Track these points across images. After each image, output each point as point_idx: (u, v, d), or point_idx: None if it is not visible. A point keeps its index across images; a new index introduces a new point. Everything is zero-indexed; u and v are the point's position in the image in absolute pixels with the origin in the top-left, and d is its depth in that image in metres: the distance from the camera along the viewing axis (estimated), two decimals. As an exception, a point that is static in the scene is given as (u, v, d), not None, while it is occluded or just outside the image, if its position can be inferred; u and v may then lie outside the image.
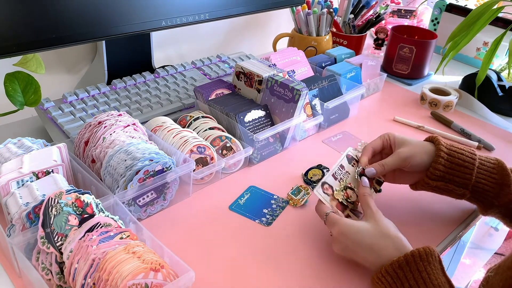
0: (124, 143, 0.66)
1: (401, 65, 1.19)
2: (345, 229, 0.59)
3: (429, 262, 0.54)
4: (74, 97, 0.86)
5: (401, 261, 0.54)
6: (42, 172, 0.61)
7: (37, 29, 0.69)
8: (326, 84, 0.94)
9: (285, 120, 0.82)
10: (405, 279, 0.53)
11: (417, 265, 0.53)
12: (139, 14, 0.80)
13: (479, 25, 0.98)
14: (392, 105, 1.07)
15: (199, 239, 0.65)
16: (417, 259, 0.54)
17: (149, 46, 0.98)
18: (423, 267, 0.53)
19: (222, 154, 0.77)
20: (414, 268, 0.53)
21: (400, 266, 0.54)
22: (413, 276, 0.53)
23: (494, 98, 1.07)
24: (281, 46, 1.20)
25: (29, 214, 0.55)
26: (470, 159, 0.68)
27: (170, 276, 0.50)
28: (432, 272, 0.53)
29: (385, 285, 0.55)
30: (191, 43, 1.19)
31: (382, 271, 0.55)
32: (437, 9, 1.38)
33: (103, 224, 0.54)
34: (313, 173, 0.78)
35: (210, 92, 0.86)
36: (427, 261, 0.54)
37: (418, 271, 0.53)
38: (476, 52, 1.32)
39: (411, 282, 0.53)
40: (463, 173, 0.67)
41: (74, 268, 0.51)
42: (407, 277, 0.53)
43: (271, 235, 0.67)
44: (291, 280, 0.60)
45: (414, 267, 0.53)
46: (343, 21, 1.22)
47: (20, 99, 0.74)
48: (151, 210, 0.68)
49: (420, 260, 0.54)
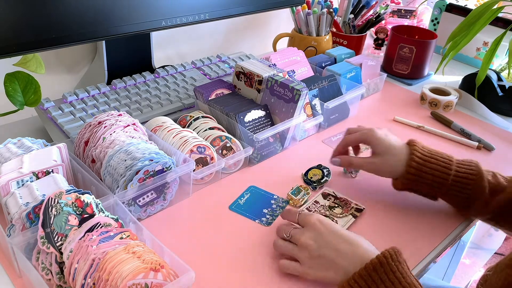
0: (124, 143, 0.66)
1: (401, 65, 1.19)
2: (323, 218, 0.60)
3: (399, 262, 0.53)
4: (74, 97, 0.86)
5: (375, 263, 0.53)
6: (42, 172, 0.61)
7: (37, 29, 0.69)
8: (326, 84, 0.94)
9: (285, 120, 0.82)
10: (380, 281, 0.52)
11: (390, 266, 0.52)
12: (139, 14, 0.80)
13: (479, 25, 0.98)
14: (392, 105, 1.07)
15: (199, 239, 0.65)
16: (389, 260, 0.53)
17: (149, 46, 0.98)
18: (396, 268, 0.52)
19: (222, 154, 0.77)
20: (388, 270, 0.52)
21: (375, 268, 0.52)
22: (388, 278, 0.52)
23: (494, 98, 1.07)
24: (281, 46, 1.20)
25: (29, 214, 0.55)
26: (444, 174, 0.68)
27: (170, 276, 0.50)
28: (404, 271, 0.53)
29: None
30: (191, 43, 1.19)
31: (355, 276, 0.53)
32: (437, 9, 1.38)
33: (103, 224, 0.54)
34: (313, 173, 0.78)
35: (210, 92, 0.86)
36: (398, 261, 0.53)
37: (392, 272, 0.52)
38: (476, 52, 1.32)
39: (387, 284, 0.51)
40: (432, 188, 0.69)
41: (74, 268, 0.51)
42: (381, 279, 0.52)
43: (271, 235, 0.67)
44: (291, 280, 0.60)
45: (388, 268, 0.52)
46: (343, 21, 1.22)
47: (20, 99, 0.74)
48: (151, 210, 0.68)
49: (392, 260, 0.53)
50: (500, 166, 0.87)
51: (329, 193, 0.75)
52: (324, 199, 0.73)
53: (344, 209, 0.71)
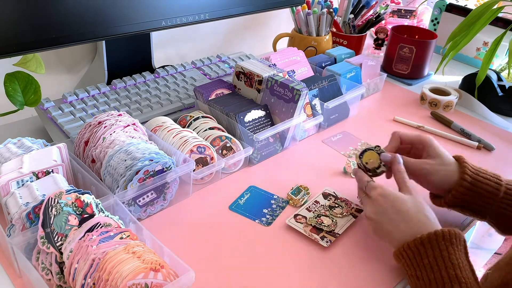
0: (124, 143, 0.66)
1: (401, 65, 1.19)
2: (387, 192, 0.62)
3: (451, 243, 0.55)
4: (74, 97, 0.86)
5: (423, 238, 0.56)
6: (42, 172, 0.61)
7: (37, 29, 0.69)
8: (326, 84, 0.94)
9: (285, 120, 0.82)
10: (425, 255, 0.55)
11: (438, 244, 0.55)
12: (139, 14, 0.80)
13: (479, 25, 0.98)
14: (392, 105, 1.07)
15: (199, 239, 0.65)
16: (439, 239, 0.55)
17: (149, 46, 0.98)
18: (445, 247, 0.54)
19: (222, 154, 0.77)
20: (435, 246, 0.55)
21: (423, 242, 0.55)
22: (433, 253, 0.54)
23: (494, 98, 1.07)
24: (281, 46, 1.20)
25: (29, 214, 0.55)
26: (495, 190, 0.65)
27: (170, 276, 0.50)
28: (454, 252, 0.54)
29: (405, 259, 0.57)
30: (191, 43, 1.19)
31: (405, 246, 0.57)
32: (437, 9, 1.38)
33: (103, 224, 0.54)
34: (369, 158, 0.69)
35: (210, 92, 0.86)
36: (449, 242, 0.55)
37: (439, 249, 0.54)
38: (476, 52, 1.32)
39: (430, 259, 0.54)
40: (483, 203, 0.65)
41: (74, 268, 0.51)
42: (427, 253, 0.55)
43: (271, 235, 0.67)
44: (291, 280, 0.60)
45: (435, 245, 0.55)
46: (343, 21, 1.22)
47: (20, 99, 0.74)
48: (151, 210, 0.68)
49: (443, 239, 0.55)
50: (500, 166, 0.87)
51: (329, 193, 0.75)
52: (324, 199, 0.73)
53: (344, 209, 0.71)
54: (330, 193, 0.75)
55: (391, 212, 0.60)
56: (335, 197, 0.74)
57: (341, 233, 0.67)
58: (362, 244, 0.66)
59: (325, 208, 0.71)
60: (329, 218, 0.69)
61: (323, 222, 0.68)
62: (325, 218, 0.69)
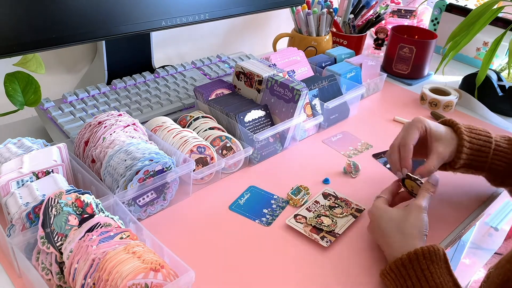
0: (124, 143, 0.66)
1: (401, 65, 1.19)
2: (373, 210, 0.64)
3: (432, 261, 0.54)
4: (74, 97, 0.86)
5: (404, 259, 0.55)
6: (42, 172, 0.61)
7: (37, 29, 0.69)
8: (326, 84, 0.94)
9: (285, 120, 0.82)
10: (407, 276, 0.54)
11: (419, 264, 0.54)
12: (139, 14, 0.80)
13: (479, 25, 0.98)
14: (392, 105, 1.07)
15: (199, 239, 0.65)
16: (420, 258, 0.55)
17: (149, 46, 0.98)
18: (426, 266, 0.54)
19: (222, 154, 0.77)
20: (416, 267, 0.54)
21: (403, 264, 0.55)
22: (416, 274, 0.54)
23: (494, 98, 1.07)
24: (281, 46, 1.20)
25: (29, 214, 0.55)
26: (487, 143, 0.70)
27: (170, 276, 0.50)
28: (435, 270, 0.54)
29: (389, 281, 0.57)
30: (191, 43, 1.19)
31: (387, 268, 0.57)
32: (437, 9, 1.38)
33: (103, 224, 0.54)
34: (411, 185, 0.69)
35: (210, 92, 0.86)
36: (430, 260, 0.54)
37: (421, 269, 0.54)
38: (476, 52, 1.32)
39: (413, 280, 0.54)
40: (481, 157, 0.70)
41: (74, 268, 0.51)
42: (409, 275, 0.54)
43: (271, 235, 0.67)
44: (291, 280, 0.60)
45: (417, 265, 0.54)
46: (343, 21, 1.22)
47: (20, 99, 0.74)
48: (151, 210, 0.68)
49: (423, 258, 0.54)
50: (500, 166, 0.87)
51: (329, 193, 0.75)
52: (324, 199, 0.73)
53: (344, 209, 0.71)
54: (330, 193, 0.75)
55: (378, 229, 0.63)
56: (335, 197, 0.74)
57: (341, 233, 0.67)
58: (362, 244, 0.66)
59: (325, 208, 0.71)
60: (329, 218, 0.69)
61: (323, 222, 0.68)
62: (325, 218, 0.69)
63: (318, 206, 0.72)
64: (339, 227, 0.68)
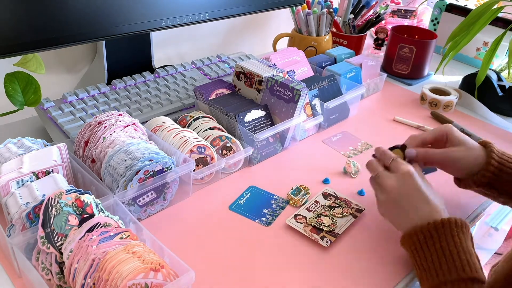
0: (124, 143, 0.66)
1: (401, 65, 1.19)
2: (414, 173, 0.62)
3: (462, 232, 0.57)
4: (74, 97, 0.86)
5: (437, 223, 0.57)
6: (42, 172, 0.61)
7: (37, 29, 0.69)
8: (326, 84, 0.94)
9: (285, 120, 0.82)
10: (437, 239, 0.56)
11: (451, 230, 0.56)
12: (139, 14, 0.80)
13: (479, 25, 0.98)
14: (392, 105, 1.07)
15: (199, 239, 0.65)
16: (452, 225, 0.57)
17: (149, 46, 0.98)
18: (456, 233, 0.56)
19: (222, 154, 0.77)
20: (448, 232, 0.56)
21: (436, 227, 0.57)
22: (446, 239, 0.56)
23: (494, 98, 1.07)
24: (281, 46, 1.20)
25: (29, 214, 0.55)
26: None
27: (170, 276, 0.50)
28: (465, 240, 0.56)
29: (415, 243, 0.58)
30: (191, 43, 1.19)
31: (417, 229, 0.58)
32: (437, 9, 1.38)
33: (103, 224, 0.54)
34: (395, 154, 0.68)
35: (210, 92, 0.86)
36: (461, 230, 0.57)
37: (451, 235, 0.56)
38: (476, 52, 1.32)
39: (442, 244, 0.56)
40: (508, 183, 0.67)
41: (74, 268, 0.51)
42: (440, 238, 0.56)
43: (271, 235, 0.67)
44: (291, 280, 0.60)
45: (448, 231, 0.56)
46: (343, 21, 1.22)
47: (20, 99, 0.74)
48: (151, 210, 0.68)
49: (455, 226, 0.57)
50: (500, 166, 0.87)
51: (329, 193, 0.75)
52: (324, 199, 0.73)
53: (344, 209, 0.71)
54: (330, 193, 0.75)
55: (414, 190, 0.61)
56: (335, 197, 0.74)
57: (341, 233, 0.67)
58: (362, 244, 0.66)
59: (325, 208, 0.71)
60: (329, 218, 0.69)
61: (323, 222, 0.68)
62: (325, 218, 0.69)
63: (318, 206, 0.72)
64: (339, 227, 0.68)
